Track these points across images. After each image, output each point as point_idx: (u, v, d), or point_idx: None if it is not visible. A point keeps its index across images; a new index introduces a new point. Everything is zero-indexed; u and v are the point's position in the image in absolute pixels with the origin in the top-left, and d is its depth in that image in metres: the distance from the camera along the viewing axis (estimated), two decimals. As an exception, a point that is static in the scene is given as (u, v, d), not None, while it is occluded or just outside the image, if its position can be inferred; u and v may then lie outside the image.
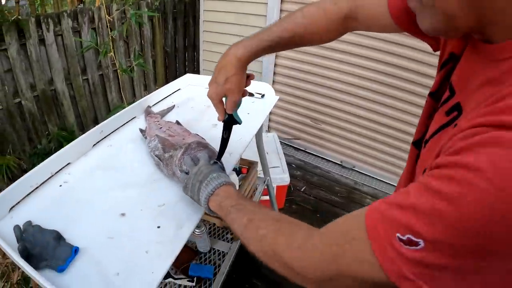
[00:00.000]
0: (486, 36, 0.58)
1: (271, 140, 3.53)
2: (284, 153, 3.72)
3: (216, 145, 1.23)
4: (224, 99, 1.07)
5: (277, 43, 1.05)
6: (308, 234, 0.70)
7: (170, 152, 1.23)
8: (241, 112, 1.13)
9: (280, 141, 3.58)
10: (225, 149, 1.20)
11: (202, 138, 1.35)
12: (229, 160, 1.38)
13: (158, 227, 1.07)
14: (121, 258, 0.97)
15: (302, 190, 3.66)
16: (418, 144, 0.82)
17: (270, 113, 4.24)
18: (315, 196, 3.57)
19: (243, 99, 1.12)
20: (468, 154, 0.45)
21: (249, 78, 1.10)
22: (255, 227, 0.81)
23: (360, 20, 1.02)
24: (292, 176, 3.63)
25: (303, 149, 4.28)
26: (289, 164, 3.86)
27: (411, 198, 0.51)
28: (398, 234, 0.50)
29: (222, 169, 1.14)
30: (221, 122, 1.13)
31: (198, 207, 1.12)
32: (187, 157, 1.13)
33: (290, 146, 4.35)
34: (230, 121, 1.13)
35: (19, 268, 2.83)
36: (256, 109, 1.82)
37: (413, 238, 0.48)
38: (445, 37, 0.77)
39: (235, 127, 1.16)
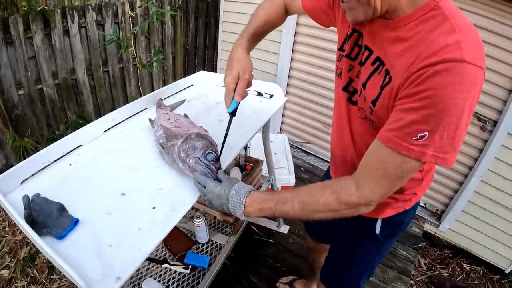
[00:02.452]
0: (387, 16, 0.98)
1: (280, 142, 3.60)
2: (294, 156, 3.78)
3: (221, 139, 1.32)
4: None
5: (258, 31, 1.42)
6: (354, 179, 1.03)
7: (172, 142, 1.31)
8: (248, 110, 1.34)
9: (290, 144, 3.64)
10: (225, 141, 1.31)
11: (205, 130, 1.43)
12: (229, 153, 1.46)
13: (154, 208, 1.15)
14: (116, 232, 1.05)
15: (308, 193, 3.69)
16: (346, 89, 1.24)
17: (283, 115, 4.32)
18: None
19: (251, 97, 1.26)
20: (423, 83, 0.84)
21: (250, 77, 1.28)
22: (311, 202, 1.05)
23: (291, 11, 1.50)
24: (300, 178, 3.70)
25: (313, 153, 4.33)
26: (298, 167, 3.94)
27: (408, 118, 0.88)
28: (413, 138, 0.88)
29: (217, 160, 1.24)
30: (228, 114, 1.27)
31: (193, 194, 1.21)
32: (199, 175, 1.19)
33: (301, 149, 4.40)
34: (233, 112, 1.25)
35: (26, 245, 2.94)
36: (263, 108, 1.89)
37: (421, 134, 0.86)
38: (363, 22, 1.10)
39: (240, 124, 1.27)
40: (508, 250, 3.20)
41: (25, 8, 3.90)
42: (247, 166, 2.46)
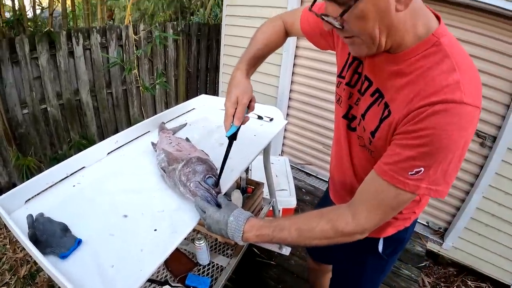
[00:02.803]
0: (390, 50, 0.99)
1: (282, 164, 3.62)
2: (295, 178, 3.79)
3: (221, 162, 1.34)
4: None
5: (258, 54, 1.43)
6: (349, 209, 1.06)
7: (173, 165, 1.35)
8: (248, 133, 1.44)
9: (292, 166, 3.65)
10: (224, 165, 1.32)
11: (206, 154, 1.46)
12: (230, 176, 1.49)
13: (155, 230, 1.18)
14: (118, 253, 1.08)
15: (309, 214, 3.70)
16: (345, 116, 1.27)
17: (284, 137, 4.35)
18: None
19: (252, 121, 1.29)
20: (422, 122, 0.87)
21: (252, 100, 1.30)
22: (307, 230, 1.08)
23: (291, 33, 1.53)
24: (301, 200, 3.72)
25: (315, 174, 4.35)
26: (299, 189, 3.96)
27: (404, 154, 0.91)
28: (409, 172, 0.91)
29: (217, 184, 1.27)
30: (227, 138, 1.28)
31: (194, 217, 1.24)
32: (199, 200, 1.22)
33: (302, 171, 4.41)
34: (233, 136, 1.26)
35: (27, 263, 2.95)
36: (263, 131, 1.92)
37: (417, 169, 0.90)
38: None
39: (241, 147, 1.30)
40: None
41: (31, 29, 3.98)
42: (248, 189, 2.48)
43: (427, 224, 3.71)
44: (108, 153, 1.64)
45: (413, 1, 0.88)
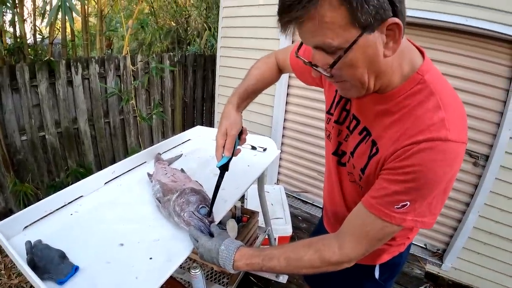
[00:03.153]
0: (378, 91, 1.01)
1: (277, 192, 3.65)
2: (291, 206, 3.83)
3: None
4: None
5: (250, 89, 1.50)
6: (337, 239, 1.09)
7: (168, 196, 1.40)
8: (242, 164, 1.52)
9: (288, 194, 3.68)
10: (216, 195, 1.37)
11: (200, 185, 1.51)
12: (224, 206, 1.54)
13: (150, 258, 1.21)
14: (114, 280, 1.11)
15: (306, 242, 3.72)
16: (335, 153, 1.31)
17: (279, 166, 4.40)
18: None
19: (245, 151, 1.34)
20: (408, 159, 0.90)
21: (243, 133, 1.40)
22: (296, 259, 1.11)
23: (284, 70, 1.58)
24: (298, 228, 3.76)
25: (311, 202, 4.38)
26: (295, 217, 4.00)
27: (391, 188, 0.94)
28: (395, 206, 0.94)
29: (209, 213, 1.32)
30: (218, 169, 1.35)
31: (188, 245, 1.28)
32: (192, 229, 1.27)
33: (298, 199, 4.44)
34: (225, 166, 1.33)
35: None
36: (257, 161, 1.98)
37: (403, 203, 0.93)
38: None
39: (235, 178, 1.35)
40: None
41: (32, 57, 4.05)
42: (244, 218, 2.51)
43: (425, 246, 3.73)
44: (106, 183, 1.69)
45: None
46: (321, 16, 0.80)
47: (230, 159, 1.32)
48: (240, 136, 1.37)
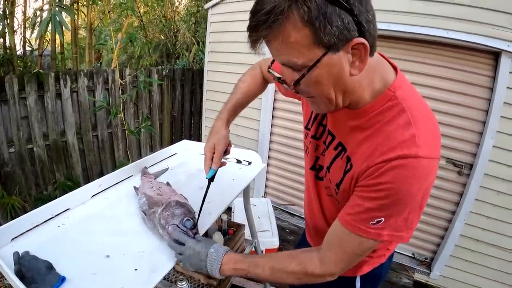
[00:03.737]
0: (350, 107, 1.04)
1: (264, 205, 3.70)
2: (279, 218, 3.85)
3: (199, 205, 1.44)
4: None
5: (238, 102, 1.58)
6: (319, 254, 1.13)
7: (154, 209, 1.43)
8: (227, 177, 1.68)
9: (275, 206, 3.71)
10: (203, 205, 1.44)
11: (185, 198, 1.55)
12: (208, 219, 1.56)
13: (136, 269, 1.24)
14: (99, 291, 1.14)
15: (293, 254, 3.74)
16: (313, 168, 1.36)
17: (266, 179, 4.43)
18: (306, 261, 3.64)
19: (231, 165, 1.41)
20: (380, 177, 0.93)
21: (229, 146, 1.48)
22: (279, 269, 1.16)
23: (269, 80, 1.64)
24: (285, 240, 3.80)
25: (298, 214, 4.40)
26: (283, 229, 4.04)
27: (365, 205, 0.97)
28: (370, 222, 0.97)
29: (194, 226, 1.35)
30: (206, 182, 1.43)
31: (172, 256, 1.31)
32: (176, 232, 1.31)
33: (285, 211, 4.47)
34: (212, 178, 1.41)
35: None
36: (242, 174, 2.02)
37: (377, 219, 0.96)
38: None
39: (220, 191, 1.50)
40: (503, 286, 3.25)
41: (21, 69, 4.07)
42: (230, 231, 2.53)
43: (412, 256, 3.77)
44: (92, 196, 1.71)
45: (368, 60, 0.90)
46: (285, 36, 0.83)
47: (217, 170, 1.40)
48: (226, 148, 1.45)
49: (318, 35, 0.81)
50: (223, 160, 1.46)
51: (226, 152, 1.48)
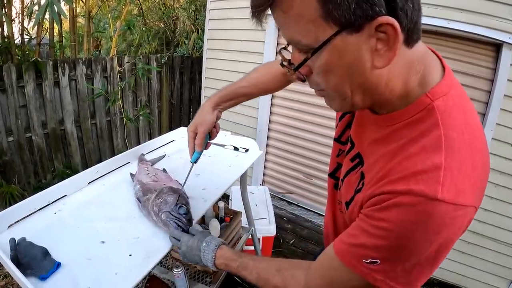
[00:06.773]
0: (375, 110, 0.85)
1: (261, 193, 3.70)
2: (276, 206, 3.86)
3: (196, 193, 1.50)
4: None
5: (241, 92, 1.45)
6: (305, 276, 0.96)
7: (147, 196, 1.45)
8: (223, 164, 1.74)
9: (273, 195, 3.72)
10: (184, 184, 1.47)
11: (180, 184, 1.56)
12: (204, 206, 1.59)
13: (130, 255, 1.26)
14: (94, 276, 1.15)
15: (291, 242, 3.80)
16: (332, 175, 1.18)
17: (265, 167, 4.45)
18: (303, 249, 3.71)
19: (227, 152, 1.58)
20: (382, 212, 0.71)
21: (215, 128, 1.42)
22: (264, 279, 1.07)
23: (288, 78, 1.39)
24: (282, 228, 3.82)
25: (296, 203, 4.43)
26: (281, 218, 4.05)
27: (360, 239, 0.77)
28: (364, 260, 0.76)
29: (187, 212, 1.36)
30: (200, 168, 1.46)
31: (167, 243, 1.33)
32: (173, 230, 1.31)
33: (283, 200, 4.49)
34: (196, 161, 1.41)
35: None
36: (239, 162, 2.03)
37: (372, 260, 0.74)
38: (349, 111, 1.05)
39: (216, 178, 1.62)
40: (499, 279, 3.26)
41: (19, 57, 4.06)
42: (226, 218, 2.55)
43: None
44: (89, 183, 1.72)
45: (404, 52, 0.71)
46: (287, 4, 0.66)
47: (200, 153, 1.39)
48: (212, 131, 1.41)
49: (328, 8, 0.62)
50: (208, 141, 1.42)
51: (211, 135, 1.42)
